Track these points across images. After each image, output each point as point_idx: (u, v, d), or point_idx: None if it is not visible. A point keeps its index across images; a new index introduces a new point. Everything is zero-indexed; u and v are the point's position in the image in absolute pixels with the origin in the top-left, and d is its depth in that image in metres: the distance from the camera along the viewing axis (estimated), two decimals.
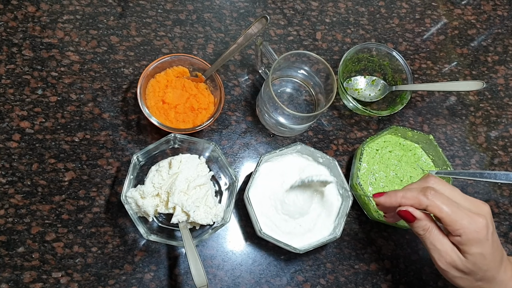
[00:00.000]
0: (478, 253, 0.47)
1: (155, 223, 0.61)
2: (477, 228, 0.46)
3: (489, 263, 0.47)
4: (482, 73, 0.82)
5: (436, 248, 0.48)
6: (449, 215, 0.46)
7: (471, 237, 0.46)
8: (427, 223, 0.48)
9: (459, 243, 0.47)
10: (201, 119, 0.64)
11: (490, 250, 0.47)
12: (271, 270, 0.63)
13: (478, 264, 0.47)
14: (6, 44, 0.65)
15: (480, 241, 0.46)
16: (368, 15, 0.80)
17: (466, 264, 0.47)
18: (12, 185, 0.60)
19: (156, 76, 0.65)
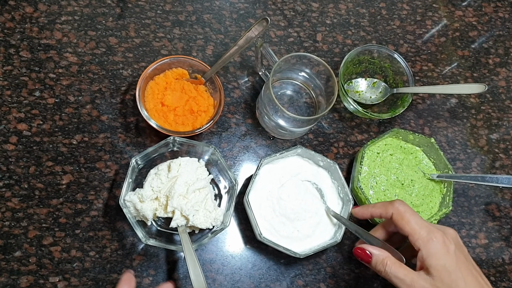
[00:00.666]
0: (441, 265, 0.46)
1: (153, 227, 0.61)
2: (435, 239, 0.47)
3: (459, 281, 0.46)
4: (483, 75, 0.81)
5: (402, 279, 0.47)
6: (410, 222, 0.48)
7: (430, 248, 0.46)
8: (383, 257, 0.49)
9: (421, 259, 0.47)
10: (200, 121, 0.64)
11: (454, 265, 0.46)
12: (271, 275, 0.63)
13: (446, 280, 0.45)
14: (3, 45, 0.65)
15: (439, 253, 0.46)
16: (369, 16, 0.80)
17: (435, 283, 0.46)
18: (9, 188, 0.59)
19: (155, 78, 0.64)
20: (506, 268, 0.70)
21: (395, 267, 0.48)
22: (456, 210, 0.71)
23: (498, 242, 0.71)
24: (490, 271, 0.69)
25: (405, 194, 0.65)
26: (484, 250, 0.70)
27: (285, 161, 0.64)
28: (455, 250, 0.47)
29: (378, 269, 0.49)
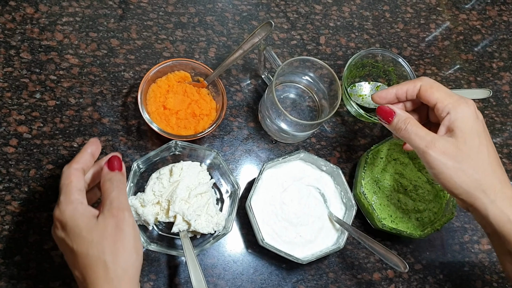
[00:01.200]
0: (469, 128, 0.45)
1: (154, 231, 0.60)
2: (466, 104, 0.46)
3: (481, 146, 0.45)
4: (487, 79, 0.81)
5: (422, 136, 0.46)
6: (440, 90, 0.47)
7: (461, 110, 0.45)
8: (406, 115, 0.48)
9: (449, 121, 0.46)
10: (202, 125, 0.63)
11: (481, 131, 0.45)
12: (273, 280, 0.62)
13: (469, 142, 0.44)
14: (4, 47, 0.64)
15: (469, 117, 0.45)
16: (372, 19, 0.79)
17: (458, 145, 0.44)
18: (9, 192, 0.59)
19: (157, 80, 0.64)
20: None
21: (416, 126, 0.47)
22: (459, 215, 0.71)
23: None
24: (493, 277, 0.69)
25: (408, 200, 0.65)
26: (487, 256, 0.70)
27: (288, 165, 0.64)
28: (483, 120, 0.47)
29: (399, 126, 0.48)
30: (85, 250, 0.44)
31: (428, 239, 0.69)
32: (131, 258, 0.45)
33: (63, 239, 0.45)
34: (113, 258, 0.44)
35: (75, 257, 0.44)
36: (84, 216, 0.45)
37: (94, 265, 0.43)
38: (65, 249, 0.46)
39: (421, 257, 0.68)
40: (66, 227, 0.45)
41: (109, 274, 0.43)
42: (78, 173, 0.48)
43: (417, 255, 0.68)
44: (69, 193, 0.46)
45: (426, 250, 0.68)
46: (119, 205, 0.46)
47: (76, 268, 0.45)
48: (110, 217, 0.45)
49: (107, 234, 0.44)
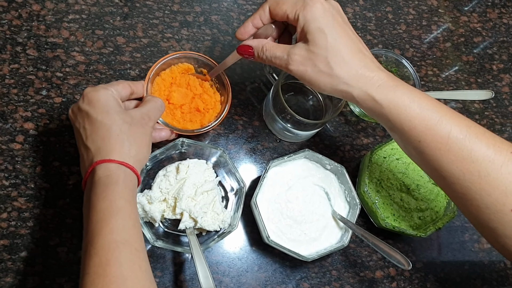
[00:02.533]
0: (316, 27, 0.44)
1: (160, 228, 0.61)
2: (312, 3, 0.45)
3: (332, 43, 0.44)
4: (487, 81, 0.82)
5: (280, 56, 0.47)
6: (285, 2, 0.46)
7: (307, 13, 0.44)
8: (261, 44, 0.49)
9: (300, 28, 0.45)
10: (208, 119, 0.62)
11: (330, 27, 0.44)
12: (277, 277, 0.63)
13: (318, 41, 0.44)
14: (10, 43, 0.64)
15: (317, 16, 0.44)
16: (375, 20, 0.80)
17: (309, 48, 0.45)
18: (15, 188, 0.59)
19: (161, 73, 0.63)
20: (508, 273, 0.71)
21: (273, 48, 0.47)
22: (459, 214, 0.72)
23: None
24: (492, 275, 0.70)
25: (411, 199, 0.66)
26: (486, 255, 0.71)
27: (292, 164, 0.64)
28: (333, 12, 0.45)
29: (261, 57, 0.49)
30: (109, 124, 0.48)
31: (429, 237, 0.70)
32: (143, 148, 0.51)
33: (87, 111, 0.49)
34: (130, 140, 0.49)
35: (96, 128, 0.48)
36: (116, 101, 0.50)
37: (113, 138, 0.48)
38: (85, 121, 0.49)
39: (422, 255, 0.69)
40: (95, 103, 0.49)
41: (123, 149, 0.48)
42: (128, 87, 0.54)
43: (418, 253, 0.69)
44: (110, 85, 0.52)
45: (427, 248, 0.69)
46: (150, 114, 0.53)
47: (91, 138, 0.48)
48: (139, 115, 0.51)
49: (132, 123, 0.50)
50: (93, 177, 0.47)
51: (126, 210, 0.45)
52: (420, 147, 0.45)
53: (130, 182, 0.48)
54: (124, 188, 0.46)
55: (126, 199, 0.46)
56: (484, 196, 0.43)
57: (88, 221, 0.45)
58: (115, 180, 0.46)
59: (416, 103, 0.44)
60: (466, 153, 0.43)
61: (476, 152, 0.43)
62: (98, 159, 0.47)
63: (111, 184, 0.46)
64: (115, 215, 0.44)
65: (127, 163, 0.48)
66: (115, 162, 0.47)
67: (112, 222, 0.44)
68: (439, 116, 0.44)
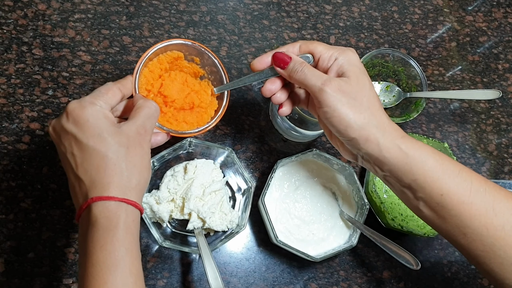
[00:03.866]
0: (357, 68, 0.46)
1: (168, 228, 0.60)
2: (350, 50, 0.47)
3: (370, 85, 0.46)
4: (493, 80, 0.82)
5: (319, 76, 0.46)
6: (320, 44, 0.48)
7: (347, 55, 0.46)
8: (301, 60, 0.47)
9: (338, 65, 0.46)
10: (206, 118, 0.58)
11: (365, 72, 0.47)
12: (285, 277, 0.63)
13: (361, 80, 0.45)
14: (16, 43, 0.64)
15: (355, 59, 0.47)
16: (381, 20, 0.80)
17: (351, 82, 0.45)
18: (21, 189, 0.58)
19: (148, 65, 0.55)
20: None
21: (311, 69, 0.47)
22: None
23: None
24: None
25: None
26: None
27: (300, 163, 0.64)
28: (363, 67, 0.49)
29: (295, 69, 0.47)
30: (104, 151, 0.41)
31: (436, 237, 0.69)
32: (144, 172, 0.44)
33: (74, 135, 0.42)
34: (130, 167, 0.42)
35: (89, 155, 0.41)
36: (107, 120, 0.43)
37: (110, 169, 0.41)
38: (73, 146, 0.42)
39: (429, 255, 0.68)
40: (83, 123, 0.42)
41: (123, 181, 0.42)
42: (117, 92, 0.47)
43: (425, 253, 0.68)
44: (97, 97, 0.45)
45: (434, 248, 0.69)
46: (146, 126, 0.46)
47: (83, 168, 0.41)
48: (135, 131, 0.44)
49: (129, 145, 0.43)
50: (89, 216, 0.41)
51: (126, 264, 0.40)
52: (443, 201, 0.43)
53: (132, 222, 0.42)
54: (125, 233, 0.41)
55: (127, 247, 0.40)
56: (508, 252, 0.41)
57: (84, 272, 0.40)
58: (114, 223, 0.40)
59: (437, 155, 0.45)
60: (489, 206, 0.42)
61: (498, 205, 0.42)
62: (94, 194, 0.41)
63: (110, 229, 0.40)
64: (113, 271, 0.39)
65: (128, 200, 0.41)
66: (115, 199, 0.41)
67: (110, 280, 0.39)
68: (458, 169, 0.44)
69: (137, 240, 0.43)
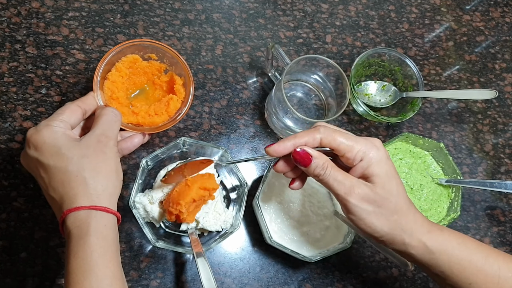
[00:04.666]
0: (384, 172, 0.44)
1: (161, 229, 0.60)
2: (376, 145, 0.45)
3: (397, 187, 0.45)
4: (489, 80, 0.81)
5: (342, 183, 0.44)
6: (344, 141, 0.44)
7: (373, 155, 0.44)
8: (324, 160, 0.45)
9: (363, 168, 0.44)
10: (174, 106, 0.58)
11: (393, 171, 0.45)
12: (279, 278, 0.62)
13: (387, 186, 0.44)
14: (9, 41, 0.63)
15: (382, 159, 0.45)
16: (378, 19, 0.80)
17: (376, 190, 0.44)
18: (14, 188, 0.58)
19: (107, 76, 0.56)
20: None
21: (334, 170, 0.45)
22: (462, 214, 0.71)
23: (502, 247, 0.71)
24: None
25: (414, 199, 0.65)
26: None
27: None
28: (389, 156, 0.47)
29: (317, 172, 0.45)
30: (64, 166, 0.43)
31: None
32: (111, 177, 0.46)
33: (37, 158, 0.44)
34: (93, 175, 0.44)
35: (52, 174, 0.44)
36: (64, 136, 0.45)
37: (73, 181, 0.43)
38: (39, 169, 0.45)
39: None
40: (41, 146, 0.44)
41: (88, 190, 0.43)
42: (76, 109, 0.48)
43: None
44: (52, 119, 0.46)
45: None
46: (107, 133, 0.47)
47: (52, 187, 0.44)
48: (95, 140, 0.46)
49: (89, 154, 0.45)
50: (65, 229, 0.43)
51: (100, 268, 0.41)
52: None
53: (104, 227, 0.43)
54: (96, 238, 0.42)
55: (99, 252, 0.42)
56: None
57: (64, 282, 0.42)
58: (85, 231, 0.42)
59: (463, 245, 0.46)
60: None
61: None
62: (64, 209, 0.43)
63: (81, 237, 0.42)
64: (87, 276, 0.41)
65: (96, 206, 0.43)
66: (82, 208, 0.42)
67: (85, 284, 0.40)
68: (485, 255, 0.45)
69: (111, 243, 0.44)
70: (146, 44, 0.57)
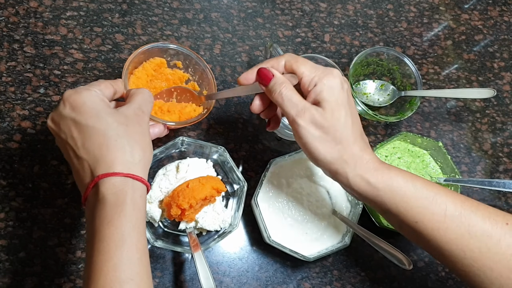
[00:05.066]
0: (334, 99, 0.44)
1: (160, 228, 0.60)
2: (333, 73, 0.45)
3: (346, 117, 0.45)
4: (488, 79, 0.81)
5: (295, 104, 0.45)
6: (305, 67, 0.46)
7: (326, 82, 0.44)
8: (283, 79, 0.46)
9: (315, 93, 0.45)
10: (188, 110, 0.60)
11: (345, 102, 0.45)
12: (278, 277, 0.62)
13: (336, 114, 0.44)
14: (7, 40, 0.63)
15: (335, 88, 0.45)
16: (376, 18, 0.80)
17: (325, 115, 0.44)
18: (13, 188, 0.58)
19: (134, 72, 0.59)
20: None
21: (291, 91, 0.45)
22: None
23: None
24: None
25: None
26: None
27: (293, 162, 0.64)
28: (348, 90, 0.46)
29: (274, 89, 0.46)
30: (104, 129, 0.42)
31: None
32: (146, 149, 0.46)
33: (73, 118, 0.43)
34: (132, 143, 0.43)
35: (89, 135, 0.42)
36: (103, 103, 0.45)
37: (112, 145, 0.42)
38: (72, 130, 0.43)
39: (424, 254, 0.68)
40: (81, 106, 0.43)
41: (126, 157, 0.42)
42: (109, 85, 0.48)
43: (419, 253, 0.68)
44: (92, 85, 0.46)
45: None
46: (143, 108, 0.47)
47: (85, 148, 0.42)
48: (133, 112, 0.46)
49: (128, 123, 0.44)
50: (97, 193, 0.41)
51: (133, 240, 0.40)
52: (418, 227, 0.45)
53: (140, 198, 0.43)
54: (132, 209, 0.41)
55: (134, 223, 0.41)
56: (487, 272, 0.42)
57: (91, 249, 0.40)
58: (121, 199, 0.41)
59: (410, 183, 0.45)
60: (464, 230, 0.43)
61: (473, 228, 0.43)
62: (99, 172, 0.41)
63: (118, 205, 0.41)
64: (120, 247, 0.39)
65: (133, 175, 0.42)
66: (120, 175, 0.41)
67: (116, 255, 0.39)
68: (433, 194, 0.45)
69: (144, 216, 0.43)
70: (177, 49, 0.60)
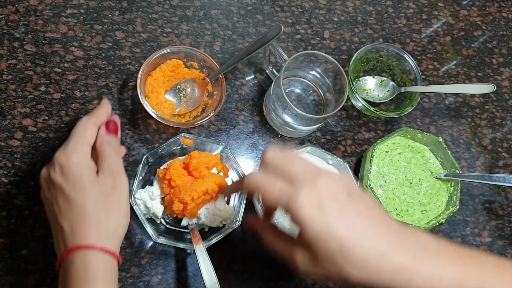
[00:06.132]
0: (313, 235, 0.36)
1: (162, 225, 0.60)
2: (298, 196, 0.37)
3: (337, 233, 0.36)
4: (487, 75, 0.82)
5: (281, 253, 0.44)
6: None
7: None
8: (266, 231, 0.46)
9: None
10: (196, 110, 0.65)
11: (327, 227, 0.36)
12: (280, 273, 0.63)
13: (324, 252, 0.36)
14: (8, 38, 0.63)
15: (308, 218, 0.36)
16: (376, 14, 0.80)
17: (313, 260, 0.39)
18: (15, 185, 0.58)
19: (152, 73, 0.63)
20: None
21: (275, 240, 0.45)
22: (461, 208, 0.72)
23: (501, 241, 0.72)
24: None
25: (413, 193, 0.66)
26: (488, 248, 0.71)
27: None
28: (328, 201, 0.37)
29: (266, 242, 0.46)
30: (83, 201, 0.44)
31: (431, 231, 0.69)
32: (122, 219, 0.48)
33: (60, 185, 0.45)
34: (107, 216, 0.46)
35: (71, 206, 0.44)
36: (89, 168, 0.47)
37: (88, 218, 0.44)
38: (58, 195, 0.45)
39: None
40: (67, 173, 0.45)
41: (100, 230, 0.44)
42: (94, 128, 0.50)
43: None
44: (80, 143, 0.47)
45: None
46: (117, 168, 0.49)
47: (65, 217, 0.44)
48: (109, 177, 0.47)
49: (105, 192, 0.46)
50: (69, 263, 0.43)
51: None
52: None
53: (110, 270, 0.44)
54: (103, 282, 0.43)
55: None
56: None
57: None
58: (93, 272, 0.42)
59: None
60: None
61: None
62: (74, 243, 0.43)
63: (89, 277, 0.42)
64: None
65: (106, 248, 0.44)
66: (93, 248, 0.43)
67: None
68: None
69: (115, 287, 0.45)
70: (192, 52, 0.64)
